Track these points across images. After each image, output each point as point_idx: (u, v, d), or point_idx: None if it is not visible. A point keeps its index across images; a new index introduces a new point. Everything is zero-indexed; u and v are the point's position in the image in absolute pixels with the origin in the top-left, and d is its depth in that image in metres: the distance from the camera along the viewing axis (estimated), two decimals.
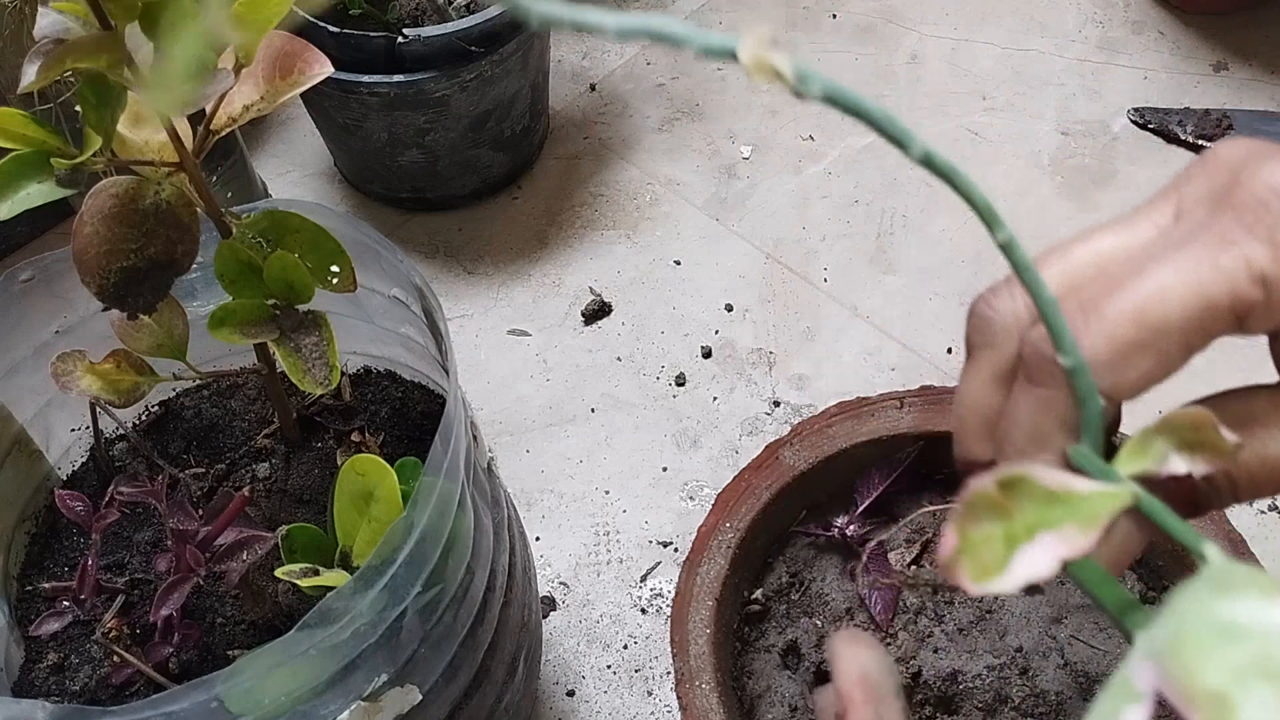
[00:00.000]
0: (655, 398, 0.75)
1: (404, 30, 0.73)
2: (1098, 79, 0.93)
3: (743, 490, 0.51)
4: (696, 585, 0.48)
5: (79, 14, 0.35)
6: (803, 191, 0.86)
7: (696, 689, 0.45)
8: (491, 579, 0.46)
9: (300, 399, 0.52)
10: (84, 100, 0.36)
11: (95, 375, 0.44)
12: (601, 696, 0.63)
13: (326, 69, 0.40)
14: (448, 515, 0.40)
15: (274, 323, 0.43)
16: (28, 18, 0.58)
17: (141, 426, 0.53)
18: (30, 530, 0.50)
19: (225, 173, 0.76)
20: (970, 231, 0.83)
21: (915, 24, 0.98)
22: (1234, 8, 0.96)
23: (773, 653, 0.49)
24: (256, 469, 0.50)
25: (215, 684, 0.34)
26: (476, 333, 0.79)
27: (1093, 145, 0.88)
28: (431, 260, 0.83)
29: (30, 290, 0.46)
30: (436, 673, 0.43)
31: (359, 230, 0.45)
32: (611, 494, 0.71)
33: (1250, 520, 0.68)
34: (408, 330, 0.50)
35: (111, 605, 0.46)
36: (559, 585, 0.67)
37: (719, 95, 0.93)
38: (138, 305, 0.39)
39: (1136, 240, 0.29)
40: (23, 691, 0.45)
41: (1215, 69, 0.93)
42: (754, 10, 1.00)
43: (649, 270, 0.82)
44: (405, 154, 0.80)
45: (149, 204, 0.38)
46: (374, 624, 0.38)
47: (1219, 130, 0.87)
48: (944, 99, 0.92)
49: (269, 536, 0.42)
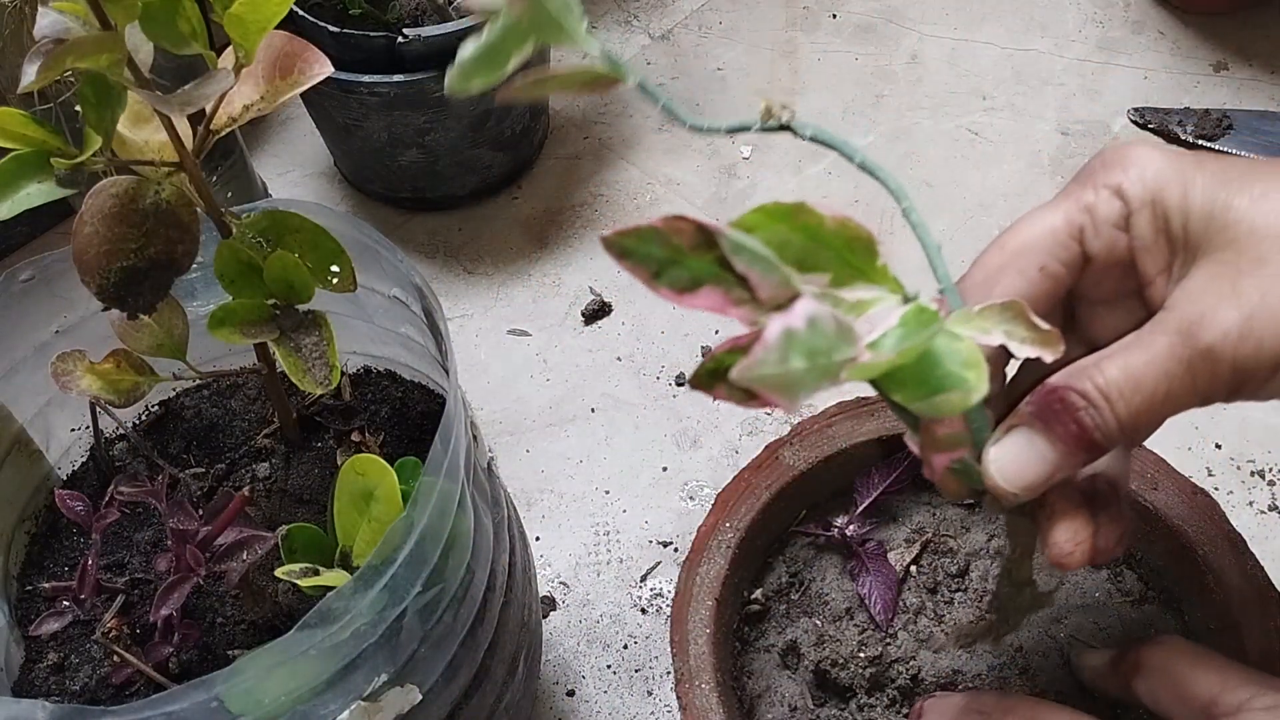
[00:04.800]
0: (655, 398, 0.75)
1: (404, 30, 0.73)
2: (1098, 79, 0.93)
3: (743, 490, 0.51)
4: (696, 585, 0.48)
5: (79, 14, 0.35)
6: (803, 191, 0.86)
7: (696, 688, 0.45)
8: (491, 579, 0.46)
9: (300, 399, 0.52)
10: (84, 100, 0.36)
11: (95, 375, 0.44)
12: (601, 696, 0.63)
13: (326, 69, 0.40)
14: (448, 515, 0.40)
15: (274, 323, 0.43)
16: (28, 18, 0.58)
17: (141, 426, 0.53)
18: (30, 530, 0.50)
19: (225, 173, 0.76)
20: (970, 232, 0.83)
21: (915, 24, 0.98)
22: (1234, 8, 0.96)
23: (772, 652, 0.49)
24: (256, 469, 0.50)
25: (215, 684, 0.34)
26: (476, 333, 0.79)
27: (1093, 145, 0.88)
28: (431, 260, 0.83)
29: (30, 290, 0.46)
30: (436, 673, 0.43)
31: (359, 230, 0.45)
32: (611, 494, 0.71)
33: (1250, 520, 0.68)
34: (408, 330, 0.50)
35: (111, 605, 0.46)
36: (559, 585, 0.67)
37: (719, 95, 0.93)
38: (138, 305, 0.39)
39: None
40: (23, 691, 0.45)
41: (1215, 69, 0.93)
42: (754, 10, 1.00)
43: None
44: (405, 154, 0.80)
45: (149, 204, 0.38)
46: (374, 624, 0.38)
47: (1219, 130, 0.87)
48: (944, 99, 0.92)
49: (269, 536, 0.42)
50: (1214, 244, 0.32)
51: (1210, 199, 0.32)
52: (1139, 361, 0.32)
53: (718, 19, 0.99)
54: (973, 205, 0.85)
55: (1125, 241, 0.34)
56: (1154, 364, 0.31)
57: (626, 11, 1.00)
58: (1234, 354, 0.31)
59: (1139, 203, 0.33)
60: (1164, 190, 0.33)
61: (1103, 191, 0.34)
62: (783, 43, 0.97)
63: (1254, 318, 0.30)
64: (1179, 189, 0.33)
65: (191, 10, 0.36)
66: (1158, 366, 0.31)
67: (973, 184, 0.86)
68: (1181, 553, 0.47)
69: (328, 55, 0.40)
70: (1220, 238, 0.32)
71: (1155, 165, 0.33)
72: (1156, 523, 0.48)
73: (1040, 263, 0.35)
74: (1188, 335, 0.31)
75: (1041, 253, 0.35)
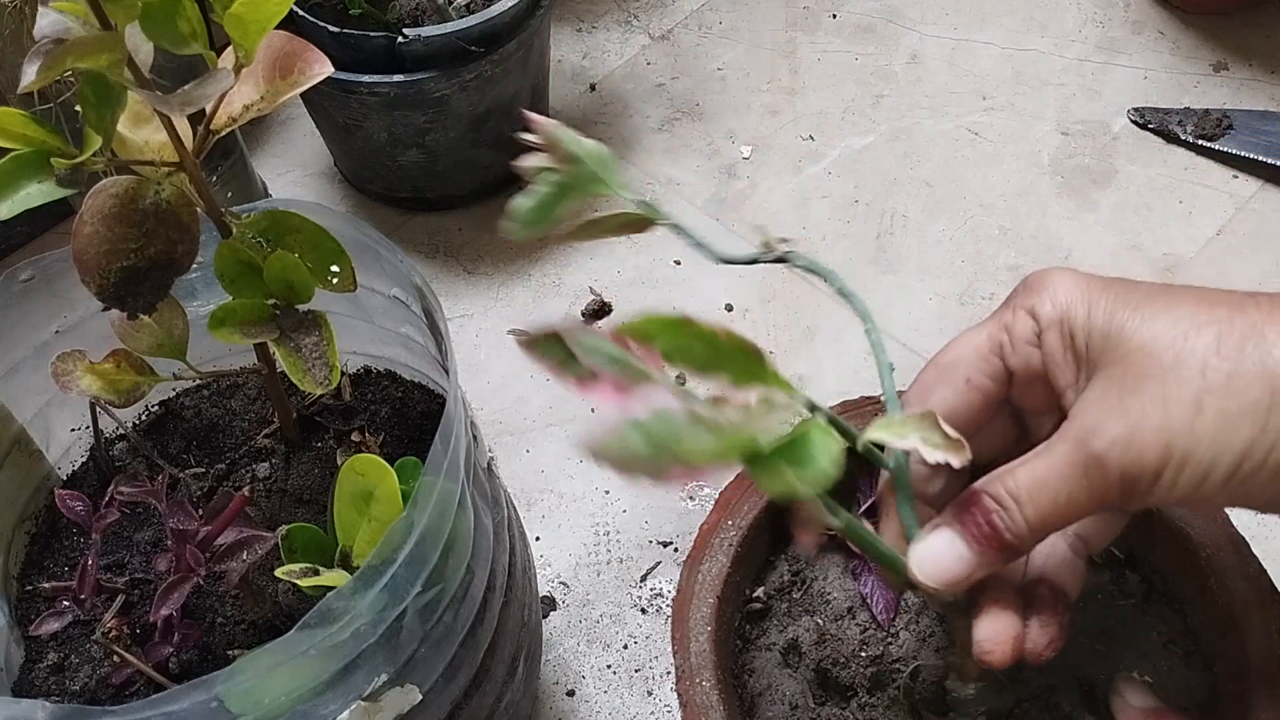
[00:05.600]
0: None
1: (404, 30, 0.73)
2: (1098, 79, 0.93)
3: (745, 488, 0.51)
4: (698, 582, 0.48)
5: (79, 14, 0.35)
6: (803, 191, 0.86)
7: (697, 686, 0.45)
8: (491, 579, 0.46)
9: (300, 399, 0.52)
10: (84, 100, 0.36)
11: (95, 375, 0.44)
12: (601, 696, 0.63)
13: (326, 69, 0.40)
14: (448, 515, 0.40)
15: (274, 323, 0.43)
16: (28, 18, 0.58)
17: (141, 426, 0.53)
18: (30, 530, 0.50)
19: (225, 173, 0.76)
20: (970, 232, 0.83)
21: (915, 24, 0.98)
22: (1234, 8, 0.96)
23: (774, 651, 0.49)
24: (256, 469, 0.50)
25: (215, 684, 0.34)
26: (476, 333, 0.79)
27: (1093, 145, 0.88)
28: (431, 260, 0.83)
29: (30, 290, 0.46)
30: (436, 673, 0.43)
31: (359, 230, 0.45)
32: (611, 494, 0.71)
33: (1250, 520, 0.67)
34: (408, 330, 0.50)
35: (111, 605, 0.46)
36: (559, 585, 0.67)
37: (719, 95, 0.93)
38: (138, 305, 0.39)
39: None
40: (23, 691, 0.45)
41: (1215, 69, 0.93)
42: (754, 10, 1.00)
43: (649, 270, 0.82)
44: (405, 154, 0.80)
45: (149, 204, 0.38)
46: (374, 624, 0.38)
47: (1219, 130, 0.87)
48: (944, 99, 0.92)
49: (269, 536, 0.42)
50: (1109, 359, 0.35)
51: (1109, 318, 0.35)
52: (1042, 467, 0.35)
53: (718, 19, 0.99)
54: (973, 205, 0.85)
55: (1039, 357, 0.38)
56: (1055, 469, 0.35)
57: (626, 11, 1.00)
58: (1119, 462, 0.34)
59: (1048, 321, 0.37)
60: (1071, 310, 0.36)
61: (1019, 312, 0.38)
62: (783, 43, 0.97)
63: (1136, 429, 0.33)
64: (1084, 309, 0.36)
65: (191, 10, 0.36)
66: (1058, 472, 0.35)
67: (973, 184, 0.86)
68: (1184, 554, 0.47)
69: (328, 55, 0.40)
70: (1115, 354, 0.35)
71: (1066, 288, 0.37)
72: (1159, 524, 0.48)
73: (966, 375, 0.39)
74: (1082, 444, 0.34)
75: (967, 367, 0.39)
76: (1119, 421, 0.34)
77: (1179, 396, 0.33)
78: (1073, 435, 0.35)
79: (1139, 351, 0.34)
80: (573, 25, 0.99)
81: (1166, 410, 0.33)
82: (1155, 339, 0.34)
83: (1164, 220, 0.83)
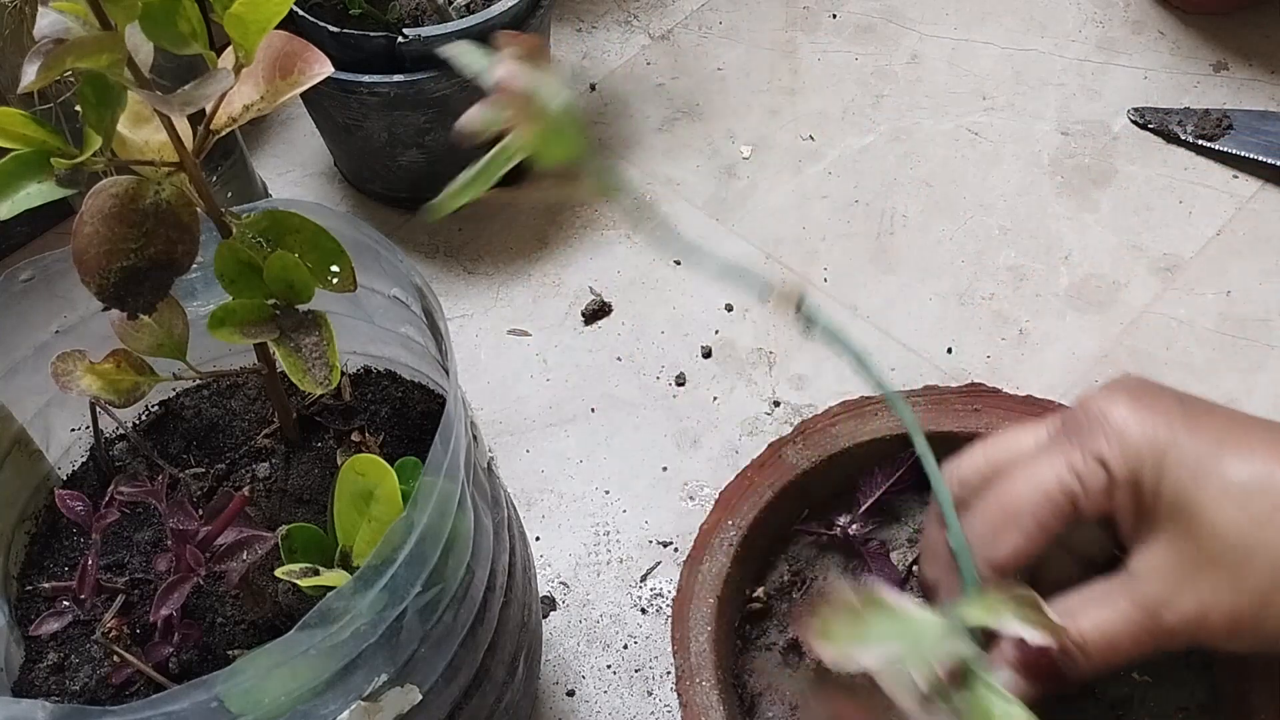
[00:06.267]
0: (655, 398, 0.75)
1: (404, 30, 0.73)
2: (1098, 79, 0.93)
3: (745, 488, 0.51)
4: (698, 582, 0.48)
5: (79, 14, 0.35)
6: (803, 191, 0.86)
7: (696, 686, 0.45)
8: (491, 579, 0.46)
9: (300, 399, 0.52)
10: (84, 100, 0.36)
11: (95, 375, 0.44)
12: (601, 696, 0.63)
13: (326, 69, 0.40)
14: (448, 515, 0.40)
15: (274, 323, 0.43)
16: (28, 18, 0.58)
17: (141, 426, 0.53)
18: (30, 530, 0.50)
19: (225, 173, 0.76)
20: (970, 232, 0.83)
21: (915, 24, 0.98)
22: (1234, 8, 0.96)
23: (774, 651, 0.49)
24: (256, 469, 0.50)
25: (215, 684, 0.34)
26: (476, 333, 0.79)
27: (1093, 145, 0.88)
28: (431, 260, 0.83)
29: (30, 290, 0.46)
30: (436, 673, 0.43)
31: (359, 230, 0.45)
32: (611, 494, 0.71)
33: None
34: (408, 330, 0.50)
35: (111, 605, 0.46)
36: (559, 585, 0.67)
37: (719, 95, 0.93)
38: (138, 305, 0.38)
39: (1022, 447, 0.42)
40: (23, 691, 0.45)
41: (1215, 69, 0.93)
42: (754, 10, 1.00)
43: (649, 270, 0.82)
44: (405, 154, 0.80)
45: (149, 204, 0.38)
46: (374, 624, 0.38)
47: (1219, 130, 0.87)
48: (944, 99, 0.92)
49: (269, 536, 0.42)
50: (1178, 526, 0.38)
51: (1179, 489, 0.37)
52: (1111, 625, 0.38)
53: (718, 19, 0.99)
54: (973, 205, 0.85)
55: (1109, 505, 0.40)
56: (1127, 632, 0.38)
57: (626, 11, 1.00)
58: (1192, 634, 0.38)
59: (1121, 479, 0.39)
60: (1141, 469, 0.38)
61: (1091, 462, 0.39)
62: (783, 43, 0.97)
63: (1208, 611, 0.37)
64: (1155, 474, 0.38)
65: (191, 10, 0.36)
66: (1130, 635, 0.38)
67: (973, 184, 0.86)
68: None
69: (328, 55, 0.40)
70: (1185, 525, 0.37)
71: (1134, 432, 0.38)
72: None
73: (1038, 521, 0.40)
74: (1155, 615, 0.38)
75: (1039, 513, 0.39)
76: (1191, 599, 0.37)
77: (1251, 588, 0.36)
78: (1142, 601, 0.38)
79: (1211, 537, 0.37)
80: (573, 25, 0.99)
81: (1236, 600, 0.37)
82: (1228, 525, 0.37)
83: (1164, 220, 0.83)
